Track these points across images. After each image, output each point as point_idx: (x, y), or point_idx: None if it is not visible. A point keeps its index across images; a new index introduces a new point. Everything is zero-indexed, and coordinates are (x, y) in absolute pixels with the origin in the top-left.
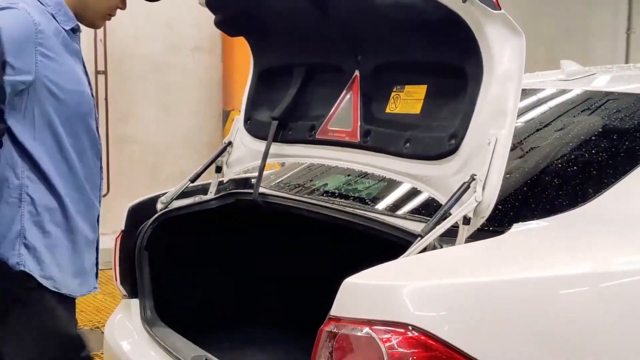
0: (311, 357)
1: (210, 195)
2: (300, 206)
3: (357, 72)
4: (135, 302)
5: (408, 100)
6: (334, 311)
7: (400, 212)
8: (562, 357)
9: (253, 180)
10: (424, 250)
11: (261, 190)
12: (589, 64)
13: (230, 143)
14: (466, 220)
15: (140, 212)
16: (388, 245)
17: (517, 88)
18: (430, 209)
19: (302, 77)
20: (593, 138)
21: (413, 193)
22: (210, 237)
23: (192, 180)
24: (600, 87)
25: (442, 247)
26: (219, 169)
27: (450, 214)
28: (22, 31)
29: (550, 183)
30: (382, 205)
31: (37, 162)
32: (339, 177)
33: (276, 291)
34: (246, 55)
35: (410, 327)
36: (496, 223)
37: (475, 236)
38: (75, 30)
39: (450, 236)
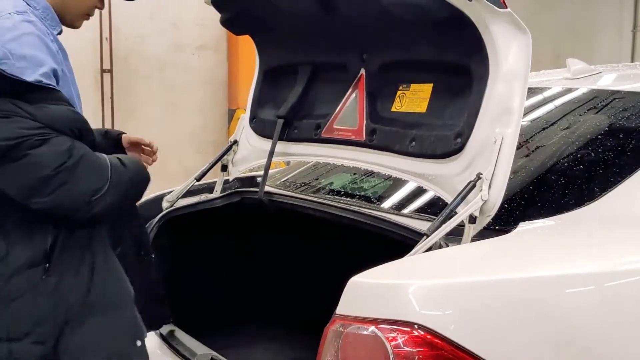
0: (317, 356)
1: (216, 194)
2: (306, 205)
3: (362, 71)
4: None
5: (414, 98)
6: (340, 310)
7: (406, 210)
8: (568, 355)
9: (259, 179)
10: (430, 249)
11: (267, 189)
12: (594, 63)
13: (235, 142)
14: (472, 219)
15: (146, 211)
16: (394, 244)
17: (523, 87)
18: (436, 208)
19: (307, 76)
20: (599, 137)
21: (419, 192)
22: (216, 236)
23: (198, 179)
24: (606, 86)
25: (448, 246)
26: (224, 168)
27: (456, 213)
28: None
29: (556, 182)
30: (387, 203)
31: None
32: (344, 175)
33: (281, 289)
34: (252, 53)
35: (416, 326)
36: (502, 222)
37: (481, 235)
38: (59, 33)
39: (456, 235)
